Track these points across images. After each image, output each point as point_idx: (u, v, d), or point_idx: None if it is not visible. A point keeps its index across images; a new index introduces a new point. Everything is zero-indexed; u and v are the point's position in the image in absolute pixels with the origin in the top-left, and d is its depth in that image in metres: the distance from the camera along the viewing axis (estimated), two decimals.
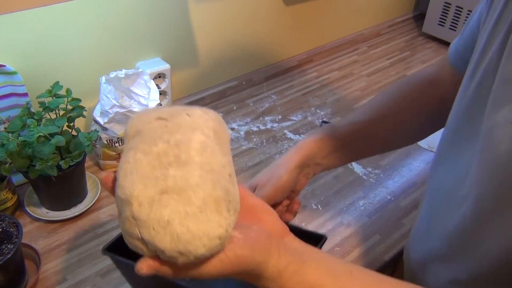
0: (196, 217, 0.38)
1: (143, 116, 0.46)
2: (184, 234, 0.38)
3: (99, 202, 0.93)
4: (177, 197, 0.39)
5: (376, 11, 1.68)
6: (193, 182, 0.39)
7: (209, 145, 0.42)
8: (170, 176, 0.39)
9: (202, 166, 0.41)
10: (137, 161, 0.40)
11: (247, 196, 0.49)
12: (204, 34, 1.20)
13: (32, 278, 0.76)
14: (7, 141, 0.76)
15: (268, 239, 0.44)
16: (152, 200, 0.38)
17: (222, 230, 0.39)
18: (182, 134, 0.42)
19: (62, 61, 0.98)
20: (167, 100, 1.17)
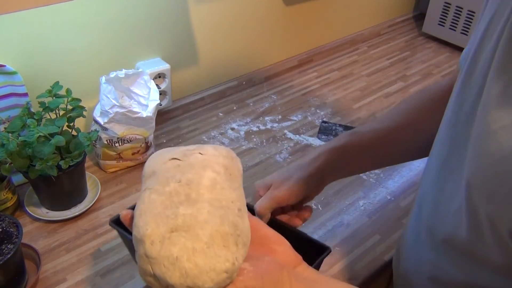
0: (203, 252, 0.40)
1: (158, 157, 0.49)
2: (192, 270, 0.40)
3: (99, 202, 0.93)
4: (185, 234, 0.41)
5: (376, 11, 1.68)
6: (201, 219, 0.42)
7: (219, 182, 0.45)
8: (180, 215, 0.42)
9: (211, 203, 0.43)
10: (151, 201, 0.44)
11: (260, 227, 0.50)
12: (204, 34, 1.20)
13: (32, 278, 0.76)
14: (7, 141, 0.76)
15: (279, 270, 0.45)
16: (163, 238, 0.41)
17: (229, 264, 0.41)
18: (194, 173, 0.45)
19: (62, 61, 0.98)
20: (167, 100, 1.17)
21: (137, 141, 0.99)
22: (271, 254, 0.48)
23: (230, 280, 0.42)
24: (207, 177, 0.45)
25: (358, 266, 0.83)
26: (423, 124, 0.71)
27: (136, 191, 0.97)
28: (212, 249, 0.41)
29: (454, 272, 0.53)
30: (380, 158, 0.74)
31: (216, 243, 0.41)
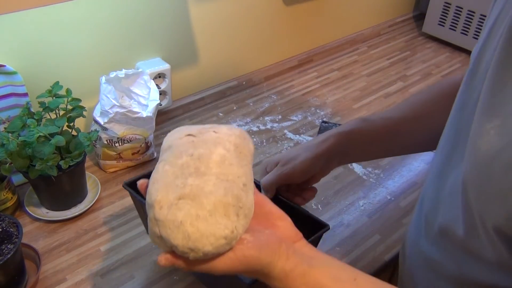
0: (205, 219, 0.45)
1: (176, 133, 0.53)
2: (194, 233, 0.44)
3: (99, 202, 0.93)
4: (191, 202, 0.45)
5: (376, 11, 1.68)
6: (207, 189, 0.46)
7: (228, 158, 0.49)
8: (188, 185, 0.46)
9: (218, 176, 0.47)
10: (164, 171, 0.48)
11: (265, 203, 0.52)
12: (204, 34, 1.20)
13: (32, 278, 0.76)
14: (7, 141, 0.76)
15: (277, 243, 0.48)
16: (171, 204, 0.45)
17: (228, 232, 0.45)
18: (205, 148, 0.49)
19: (62, 61, 0.98)
20: (167, 100, 1.17)
21: (137, 141, 0.99)
22: (273, 228, 0.51)
23: (229, 247, 0.46)
24: (217, 153, 0.48)
25: (358, 266, 0.83)
26: (433, 117, 0.71)
27: None
28: (213, 217, 0.45)
29: (452, 266, 0.54)
30: (388, 147, 0.75)
31: (218, 212, 0.45)
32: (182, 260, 0.46)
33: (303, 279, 0.47)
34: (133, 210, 0.92)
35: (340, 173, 1.04)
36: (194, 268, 0.47)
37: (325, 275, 0.48)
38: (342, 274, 0.50)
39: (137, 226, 0.89)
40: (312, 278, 0.47)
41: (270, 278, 0.48)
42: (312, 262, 0.49)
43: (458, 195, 0.50)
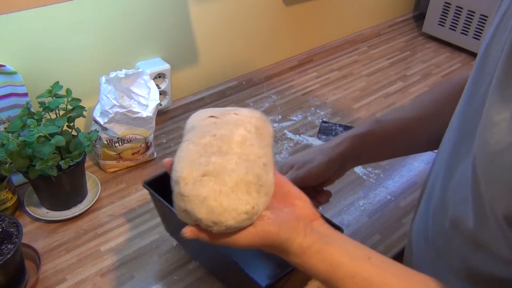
0: (228, 195, 0.47)
1: (199, 115, 0.57)
2: (217, 208, 0.46)
3: (99, 202, 0.93)
4: (214, 179, 0.48)
5: (376, 11, 1.68)
6: (229, 168, 0.48)
7: (249, 139, 0.51)
8: (211, 163, 0.48)
9: (240, 156, 0.49)
10: (188, 150, 0.51)
11: (285, 183, 0.54)
12: (204, 34, 1.20)
13: (32, 278, 0.76)
14: (7, 141, 0.76)
15: (296, 220, 0.50)
16: (195, 181, 0.48)
17: (249, 207, 0.47)
18: (227, 129, 0.51)
19: (62, 61, 0.98)
20: (167, 100, 1.17)
21: (137, 141, 0.99)
22: (292, 207, 0.53)
23: (250, 222, 0.48)
24: (238, 134, 0.51)
25: None
26: (445, 114, 0.70)
27: (136, 191, 0.97)
28: (235, 193, 0.47)
29: (461, 259, 0.54)
30: (402, 147, 0.76)
31: (239, 188, 0.48)
32: (206, 233, 0.49)
33: (320, 256, 0.49)
34: (133, 210, 0.92)
35: None
36: (217, 241, 0.49)
37: (341, 253, 0.50)
38: (357, 252, 0.52)
39: (137, 226, 0.89)
40: (328, 255, 0.49)
41: (288, 253, 0.50)
42: (328, 240, 0.51)
43: (467, 187, 0.50)
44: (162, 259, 0.83)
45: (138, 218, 0.90)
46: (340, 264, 0.49)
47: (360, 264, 0.50)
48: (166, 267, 0.81)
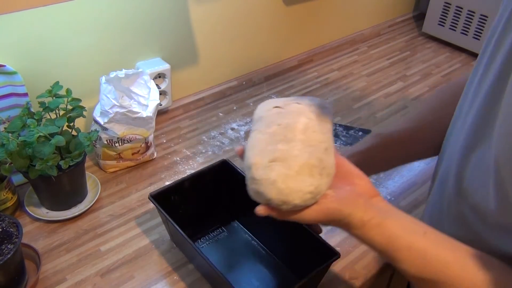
0: (294, 178, 0.54)
1: (264, 105, 0.64)
2: (285, 189, 0.53)
3: (99, 202, 0.93)
4: (281, 164, 0.54)
5: (376, 11, 1.68)
6: (294, 154, 0.55)
7: (310, 127, 0.57)
8: (278, 150, 0.55)
9: (303, 142, 0.56)
10: (257, 139, 0.58)
11: (345, 164, 0.60)
12: (204, 34, 1.20)
13: (32, 278, 0.76)
14: (7, 141, 0.76)
15: (356, 197, 0.56)
16: (265, 166, 0.54)
17: (313, 188, 0.54)
18: (290, 118, 0.58)
19: (62, 61, 0.98)
20: (167, 100, 1.17)
21: (137, 141, 0.99)
22: (352, 185, 0.58)
23: (314, 201, 0.54)
24: (301, 122, 0.57)
25: (358, 266, 0.83)
26: (442, 121, 0.72)
27: (136, 191, 0.97)
28: (300, 176, 0.54)
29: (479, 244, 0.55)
30: (402, 157, 0.79)
31: (304, 172, 0.54)
32: (276, 211, 0.55)
33: (378, 229, 0.54)
34: (133, 210, 0.92)
35: None
36: (286, 217, 0.56)
37: (398, 226, 0.55)
38: (414, 226, 0.55)
39: (137, 226, 0.89)
40: (386, 229, 0.54)
41: (349, 227, 0.55)
42: (386, 215, 0.55)
43: (487, 173, 0.51)
44: (162, 259, 0.83)
45: (138, 218, 0.91)
46: (397, 237, 0.54)
47: (415, 238, 0.54)
48: (166, 267, 0.81)
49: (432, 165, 1.08)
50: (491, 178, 0.50)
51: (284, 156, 0.55)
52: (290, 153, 0.55)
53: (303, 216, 0.55)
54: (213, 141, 1.13)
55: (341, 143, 1.14)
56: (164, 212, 0.77)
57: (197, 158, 1.07)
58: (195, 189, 0.86)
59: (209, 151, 1.09)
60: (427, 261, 0.52)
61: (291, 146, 0.55)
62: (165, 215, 0.76)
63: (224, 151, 1.10)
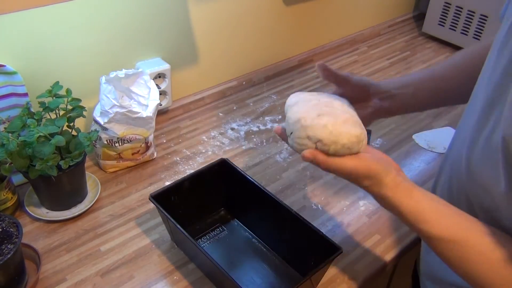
0: (342, 125, 0.60)
1: (297, 95, 0.67)
2: (335, 131, 0.59)
3: (99, 202, 0.93)
4: (328, 116, 0.61)
5: (376, 11, 1.68)
6: (338, 112, 0.62)
7: (345, 106, 0.65)
8: (323, 109, 0.62)
9: (342, 110, 0.63)
10: (300, 107, 0.63)
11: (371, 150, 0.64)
12: (204, 34, 1.20)
13: (32, 278, 0.76)
14: (7, 141, 0.76)
15: (390, 162, 0.61)
16: (313, 118, 0.60)
17: (358, 133, 0.60)
18: (327, 99, 0.66)
19: (62, 61, 0.98)
20: (167, 100, 1.17)
21: (137, 141, 0.99)
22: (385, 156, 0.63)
23: (358, 146, 0.60)
24: (336, 102, 0.65)
25: (358, 266, 0.83)
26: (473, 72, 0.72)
27: (136, 191, 0.97)
28: (346, 124, 0.60)
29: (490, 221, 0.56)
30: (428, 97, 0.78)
31: (349, 122, 0.61)
32: (322, 154, 0.59)
33: (408, 192, 0.59)
34: (133, 210, 0.92)
35: None
36: (329, 163, 0.59)
37: (425, 195, 0.59)
38: (437, 199, 0.59)
39: (137, 226, 0.89)
40: (415, 193, 0.58)
41: (381, 184, 0.59)
42: (414, 185, 0.60)
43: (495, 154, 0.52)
44: (162, 259, 0.83)
45: (138, 218, 0.91)
46: (424, 201, 0.58)
47: (440, 205, 0.58)
48: (166, 267, 0.81)
49: (433, 165, 1.08)
50: (500, 157, 0.51)
51: (330, 112, 0.61)
52: (334, 112, 0.62)
53: (345, 163, 0.59)
54: (213, 141, 1.13)
55: None
56: (165, 212, 0.77)
57: (197, 158, 1.07)
58: (195, 188, 0.86)
59: (209, 151, 1.09)
60: (452, 222, 0.56)
61: (333, 110, 0.62)
62: (166, 215, 0.76)
63: (224, 151, 1.10)
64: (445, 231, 0.56)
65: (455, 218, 0.57)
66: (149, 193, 0.80)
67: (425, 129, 1.21)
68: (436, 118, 1.25)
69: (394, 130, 1.20)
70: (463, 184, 0.61)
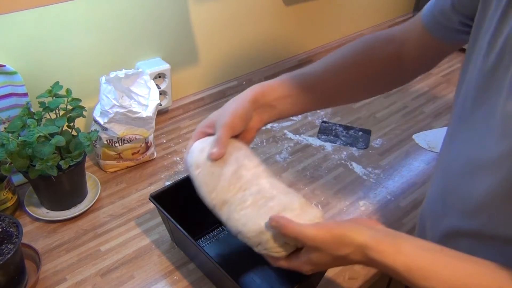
0: (303, 214, 0.63)
1: (194, 162, 0.71)
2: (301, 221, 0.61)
3: (99, 202, 0.93)
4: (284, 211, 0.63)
5: (376, 11, 1.68)
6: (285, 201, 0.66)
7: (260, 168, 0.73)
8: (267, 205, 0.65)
9: (278, 190, 0.68)
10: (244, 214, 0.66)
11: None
12: (204, 34, 1.20)
13: (32, 278, 0.76)
14: (7, 141, 0.76)
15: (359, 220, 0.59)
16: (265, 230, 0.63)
17: (319, 214, 0.64)
18: (235, 165, 0.71)
19: (62, 61, 0.98)
20: (167, 100, 1.17)
21: (137, 141, 0.99)
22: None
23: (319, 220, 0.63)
24: (262, 183, 0.69)
25: (358, 266, 0.83)
26: (353, 69, 0.75)
27: (136, 191, 0.97)
28: (305, 211, 0.63)
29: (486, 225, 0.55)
30: (311, 100, 0.77)
31: (304, 207, 0.64)
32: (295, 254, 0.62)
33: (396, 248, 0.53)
34: (133, 210, 0.92)
35: (340, 173, 1.04)
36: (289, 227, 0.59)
37: (413, 245, 0.54)
38: (428, 244, 0.55)
39: (137, 226, 0.89)
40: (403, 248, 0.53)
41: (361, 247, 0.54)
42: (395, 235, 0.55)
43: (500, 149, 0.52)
44: (162, 259, 0.83)
45: (138, 218, 0.91)
46: (417, 255, 0.52)
47: (435, 254, 0.53)
48: (166, 267, 0.81)
49: (433, 165, 1.08)
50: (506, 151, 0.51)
51: (275, 203, 0.63)
52: (277, 199, 0.64)
53: (304, 229, 0.58)
54: None
55: (341, 143, 1.14)
56: (165, 212, 0.77)
57: None
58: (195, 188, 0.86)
59: None
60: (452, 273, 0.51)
61: (270, 193, 0.65)
62: (166, 215, 0.76)
63: None
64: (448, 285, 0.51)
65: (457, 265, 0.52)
66: (149, 193, 0.80)
67: (425, 129, 1.21)
68: (436, 118, 1.25)
69: (394, 130, 1.20)
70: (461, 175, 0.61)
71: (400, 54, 0.74)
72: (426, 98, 1.35)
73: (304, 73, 0.76)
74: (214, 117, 0.74)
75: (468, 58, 0.60)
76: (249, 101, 0.72)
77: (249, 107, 0.72)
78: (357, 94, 0.81)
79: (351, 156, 1.10)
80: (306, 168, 1.06)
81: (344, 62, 0.76)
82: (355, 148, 1.12)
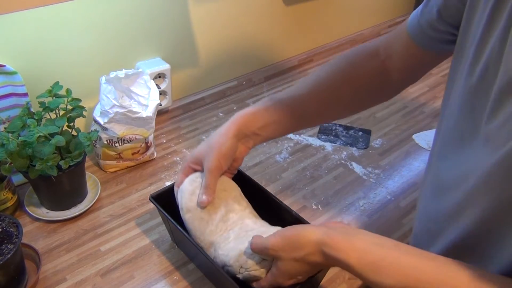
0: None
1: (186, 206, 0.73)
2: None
3: (99, 202, 0.93)
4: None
5: (376, 11, 1.68)
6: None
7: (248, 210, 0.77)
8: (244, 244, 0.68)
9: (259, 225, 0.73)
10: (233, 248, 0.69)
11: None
12: (204, 34, 1.20)
13: (32, 278, 0.76)
14: (7, 141, 0.76)
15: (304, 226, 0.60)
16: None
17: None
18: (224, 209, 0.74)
19: (62, 61, 0.98)
20: (167, 100, 1.17)
21: (137, 141, 0.99)
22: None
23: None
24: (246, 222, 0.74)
25: None
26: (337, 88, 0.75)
27: (135, 191, 0.97)
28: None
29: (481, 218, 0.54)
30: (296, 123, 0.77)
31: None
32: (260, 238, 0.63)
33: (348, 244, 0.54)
34: (133, 210, 0.92)
35: (340, 173, 1.04)
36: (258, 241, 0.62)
37: (367, 242, 0.54)
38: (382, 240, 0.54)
39: (137, 226, 0.89)
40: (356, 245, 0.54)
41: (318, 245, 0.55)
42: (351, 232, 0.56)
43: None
44: (162, 259, 0.83)
45: (138, 218, 0.91)
46: (369, 252, 0.53)
47: (387, 250, 0.53)
48: (166, 267, 0.81)
49: None
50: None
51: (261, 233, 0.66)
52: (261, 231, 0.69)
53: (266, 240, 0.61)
54: None
55: (341, 143, 1.14)
56: (165, 213, 0.77)
57: None
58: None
59: None
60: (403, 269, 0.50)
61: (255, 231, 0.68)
62: (166, 215, 0.76)
63: None
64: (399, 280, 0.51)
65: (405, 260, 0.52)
66: (149, 193, 0.80)
67: (425, 129, 1.21)
68: (436, 118, 1.25)
69: (394, 130, 1.20)
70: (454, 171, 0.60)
71: (385, 67, 0.73)
72: (426, 98, 1.35)
73: (287, 97, 0.76)
74: (200, 154, 0.75)
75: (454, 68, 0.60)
76: (233, 136, 0.73)
77: (233, 143, 0.73)
78: (342, 112, 0.81)
79: (351, 156, 1.10)
80: (306, 168, 1.06)
81: (327, 81, 0.75)
82: (355, 148, 1.12)
